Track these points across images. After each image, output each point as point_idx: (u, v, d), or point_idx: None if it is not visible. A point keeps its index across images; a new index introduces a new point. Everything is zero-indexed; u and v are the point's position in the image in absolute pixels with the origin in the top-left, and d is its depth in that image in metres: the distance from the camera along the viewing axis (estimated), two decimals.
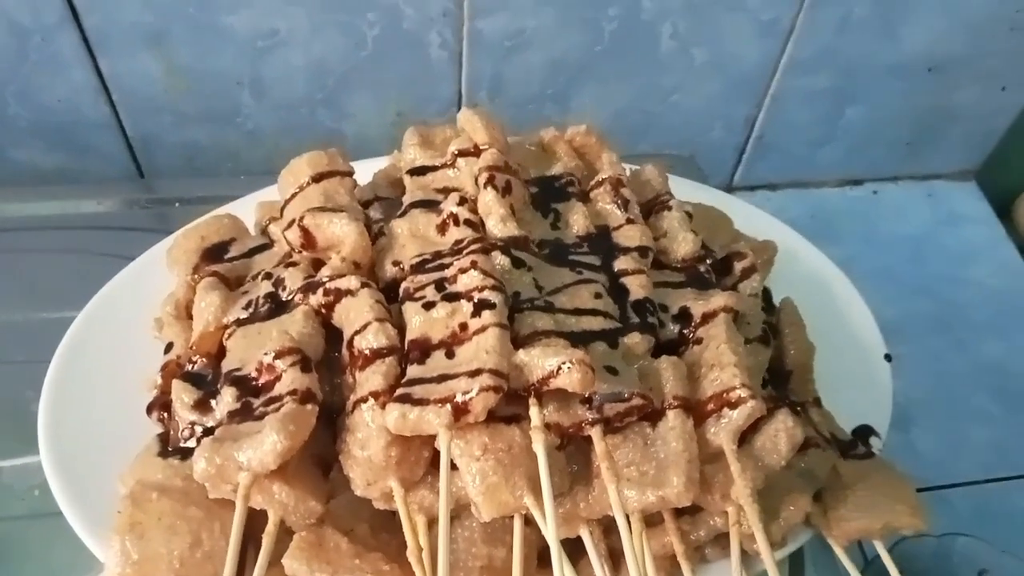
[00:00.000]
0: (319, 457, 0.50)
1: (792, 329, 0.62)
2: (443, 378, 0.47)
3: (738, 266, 0.63)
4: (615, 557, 0.52)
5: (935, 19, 1.07)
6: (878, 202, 1.30)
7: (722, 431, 0.49)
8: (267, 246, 0.64)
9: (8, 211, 0.90)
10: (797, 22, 1.04)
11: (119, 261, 0.86)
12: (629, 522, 0.46)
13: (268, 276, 0.57)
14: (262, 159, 1.10)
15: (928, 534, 0.90)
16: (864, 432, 0.62)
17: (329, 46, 0.99)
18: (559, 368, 0.46)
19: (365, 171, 0.71)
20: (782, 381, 0.62)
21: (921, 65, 1.13)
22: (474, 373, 0.46)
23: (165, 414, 0.56)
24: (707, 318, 0.55)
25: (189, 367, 0.56)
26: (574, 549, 0.51)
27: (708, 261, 0.63)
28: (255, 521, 0.48)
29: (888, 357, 0.67)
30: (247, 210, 0.70)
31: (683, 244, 0.61)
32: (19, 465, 0.73)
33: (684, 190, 0.75)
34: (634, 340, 0.53)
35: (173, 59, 0.97)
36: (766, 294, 0.67)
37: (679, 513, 0.51)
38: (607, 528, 0.52)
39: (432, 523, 0.49)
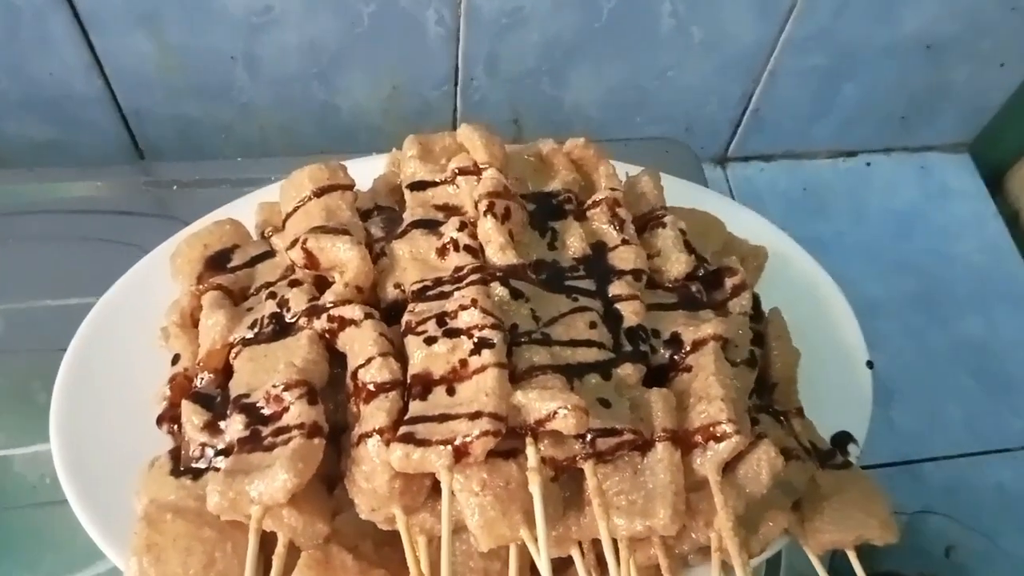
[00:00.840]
0: (324, 475, 0.53)
1: (779, 343, 0.65)
2: (444, 418, 0.49)
3: (729, 283, 0.65)
4: (602, 564, 0.56)
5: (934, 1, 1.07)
6: (870, 174, 1.31)
7: (708, 462, 0.52)
8: (269, 254, 0.65)
9: (4, 195, 0.90)
10: (797, 2, 1.03)
11: (119, 247, 0.87)
12: (616, 547, 0.49)
13: (272, 296, 0.59)
14: (255, 132, 1.10)
15: (901, 511, 0.94)
16: (843, 439, 0.65)
17: (324, 23, 0.98)
18: (555, 412, 0.48)
19: (365, 170, 0.72)
20: (767, 391, 0.64)
21: (918, 44, 1.12)
22: (474, 416, 0.48)
23: (175, 427, 0.58)
24: (697, 345, 0.57)
25: (197, 382, 0.58)
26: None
27: (700, 274, 0.64)
28: (265, 539, 0.51)
29: (870, 364, 0.70)
30: (248, 210, 0.71)
31: (676, 264, 0.63)
32: (29, 454, 0.76)
33: (678, 190, 0.76)
34: (626, 371, 0.55)
35: (166, 37, 0.97)
36: (755, 300, 0.69)
37: None
38: (595, 539, 0.55)
39: (432, 541, 0.52)
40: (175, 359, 0.61)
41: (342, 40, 1.00)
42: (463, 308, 0.53)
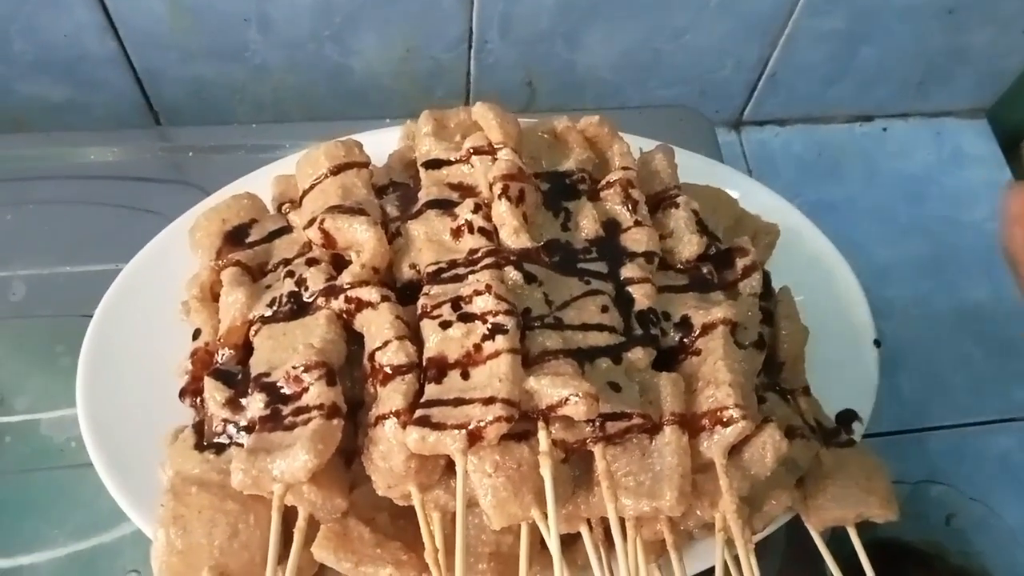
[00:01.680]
0: (342, 450, 0.54)
1: (787, 322, 0.66)
2: (459, 402, 0.50)
3: (740, 263, 0.65)
4: (610, 537, 0.58)
5: None
6: (886, 139, 1.30)
7: (714, 446, 0.54)
8: (287, 229, 0.66)
9: (24, 158, 0.91)
10: None
11: (137, 212, 0.89)
12: (623, 524, 0.51)
13: (291, 274, 0.60)
14: (268, 93, 1.10)
15: (904, 481, 0.97)
16: (848, 417, 0.67)
17: None
18: (567, 399, 0.50)
19: (378, 141, 0.72)
20: (775, 369, 0.66)
21: (940, 7, 1.11)
22: (488, 401, 0.49)
23: (198, 400, 0.60)
24: (707, 329, 0.58)
25: (218, 357, 0.59)
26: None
27: (712, 253, 0.65)
28: (286, 512, 0.53)
29: (877, 343, 0.71)
30: (264, 182, 0.72)
31: (688, 246, 0.63)
32: (55, 417, 0.78)
33: (692, 164, 0.77)
34: (637, 355, 0.56)
35: None
36: (766, 277, 0.70)
37: None
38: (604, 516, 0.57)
39: (445, 516, 0.54)
40: (196, 334, 0.63)
41: (356, 2, 0.99)
42: (478, 293, 0.54)
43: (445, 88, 1.13)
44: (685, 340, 0.59)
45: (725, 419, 0.53)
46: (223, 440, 0.55)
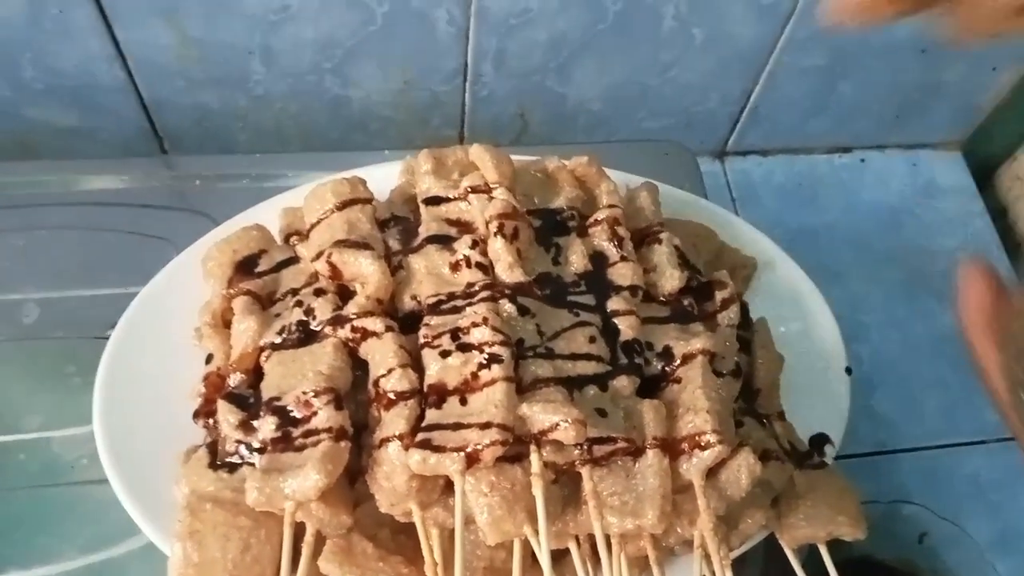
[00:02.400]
0: (346, 469, 0.58)
1: (763, 351, 0.70)
2: (458, 426, 0.54)
3: (719, 296, 0.70)
4: (596, 553, 0.62)
5: None
6: (864, 170, 1.35)
7: (693, 468, 0.58)
8: (294, 260, 0.70)
9: (35, 185, 0.95)
10: (797, 5, 1.07)
11: (145, 239, 0.92)
12: (609, 541, 0.55)
13: (299, 304, 0.64)
14: (270, 120, 1.14)
15: (878, 500, 1.01)
16: (820, 440, 0.71)
17: (338, 21, 1.02)
18: (557, 424, 0.54)
19: (380, 175, 0.76)
20: (751, 396, 0.70)
21: (913, 47, 1.16)
22: (484, 426, 0.54)
23: (210, 421, 0.63)
24: (687, 359, 0.63)
25: (230, 380, 0.63)
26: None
27: (693, 285, 0.70)
28: (295, 528, 0.57)
29: (849, 370, 0.75)
30: (271, 214, 0.76)
31: (670, 280, 0.68)
32: (67, 436, 0.81)
33: (676, 198, 0.81)
34: (622, 383, 0.61)
35: (186, 30, 1.00)
36: (744, 308, 0.74)
37: None
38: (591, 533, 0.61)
39: (443, 532, 0.58)
40: (209, 358, 0.66)
41: (356, 36, 1.04)
42: (475, 325, 0.58)
43: (441, 118, 1.17)
44: (667, 369, 0.64)
45: (703, 443, 0.58)
46: (235, 460, 0.59)
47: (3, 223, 0.93)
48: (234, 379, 0.63)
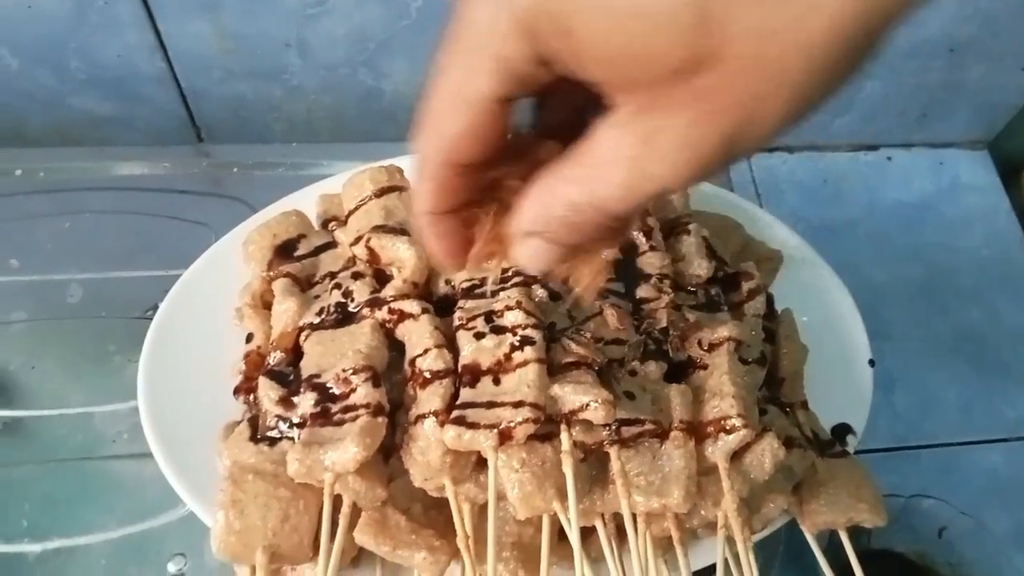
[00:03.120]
0: (381, 446, 0.60)
1: (788, 341, 0.72)
2: (491, 405, 0.57)
3: (745, 286, 0.71)
4: (620, 533, 0.64)
5: (959, 5, 1.11)
6: (889, 168, 1.36)
7: (718, 451, 0.60)
8: (331, 244, 0.72)
9: (78, 170, 0.98)
10: None
11: (185, 224, 0.95)
12: (635, 521, 0.57)
13: (338, 286, 0.66)
14: (303, 111, 1.17)
15: (899, 494, 1.02)
16: (842, 430, 0.73)
17: (372, 15, 1.04)
18: (587, 404, 0.56)
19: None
20: (775, 384, 0.72)
21: (941, 46, 1.17)
22: (517, 404, 0.56)
23: (250, 397, 0.66)
24: (713, 346, 0.65)
25: (270, 359, 0.66)
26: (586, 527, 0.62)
27: (720, 276, 0.71)
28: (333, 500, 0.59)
29: (872, 363, 0.77)
30: (308, 200, 0.78)
31: (698, 269, 0.70)
32: (108, 411, 0.84)
33: (704, 191, 0.83)
34: (650, 368, 0.63)
35: (225, 23, 1.03)
36: (769, 300, 0.76)
37: None
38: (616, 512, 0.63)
39: (474, 507, 0.60)
40: (249, 337, 0.69)
41: (389, 30, 1.06)
42: (508, 308, 0.60)
43: None
44: (693, 356, 0.65)
45: (728, 427, 0.59)
46: (275, 434, 0.61)
47: (49, 207, 0.96)
48: (274, 357, 0.65)
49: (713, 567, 0.67)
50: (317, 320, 0.65)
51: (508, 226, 0.39)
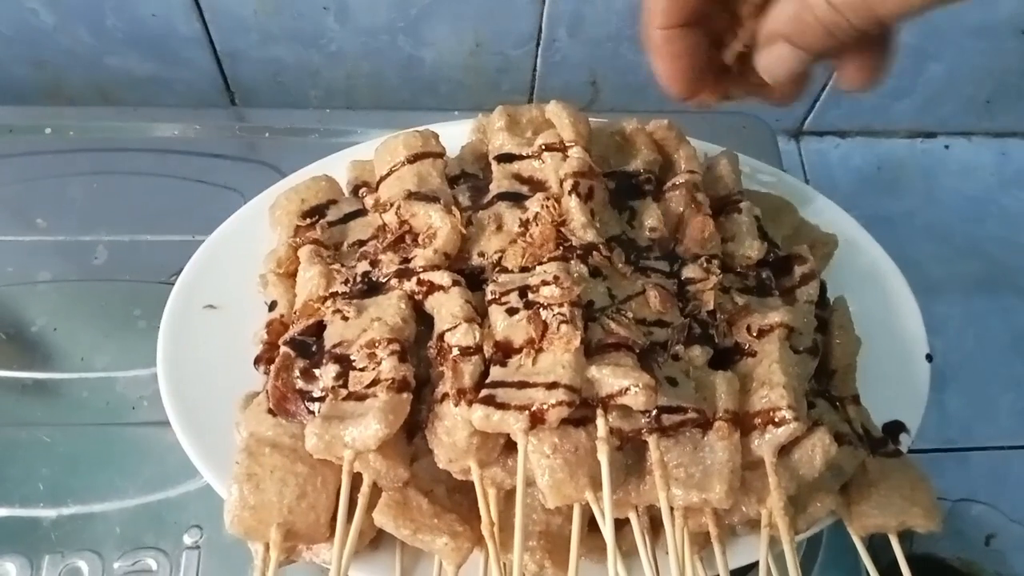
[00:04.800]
0: (405, 424, 0.57)
1: (841, 332, 0.67)
2: (523, 385, 0.53)
3: (798, 271, 0.67)
4: (654, 527, 0.60)
5: None
6: (947, 157, 1.29)
7: (765, 444, 0.55)
8: (361, 212, 0.69)
9: (111, 130, 0.96)
10: None
11: (214, 188, 0.93)
12: (672, 515, 0.53)
13: (365, 255, 0.63)
14: (341, 79, 1.14)
15: (945, 498, 0.97)
16: (895, 428, 0.68)
17: None
18: (627, 388, 0.52)
19: (451, 135, 0.75)
20: (825, 377, 0.67)
21: (1012, 27, 1.10)
22: (551, 386, 0.52)
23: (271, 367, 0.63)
24: (763, 332, 0.60)
25: (293, 328, 0.63)
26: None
27: (771, 259, 0.67)
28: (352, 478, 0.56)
29: (930, 358, 0.72)
30: (340, 166, 0.75)
31: (749, 250, 0.65)
32: (130, 376, 0.82)
33: (754, 170, 0.78)
34: (695, 353, 0.59)
35: None
36: (821, 287, 0.71)
37: None
38: (650, 505, 0.59)
39: (500, 493, 0.57)
40: (272, 305, 0.66)
41: None
42: (544, 283, 0.57)
43: (511, 83, 1.15)
44: (741, 342, 0.61)
45: (777, 419, 0.55)
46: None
47: (77, 167, 0.94)
48: (297, 327, 0.62)
49: (750, 567, 0.63)
50: (343, 290, 0.62)
51: (759, 29, 0.41)
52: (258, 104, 1.13)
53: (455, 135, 0.76)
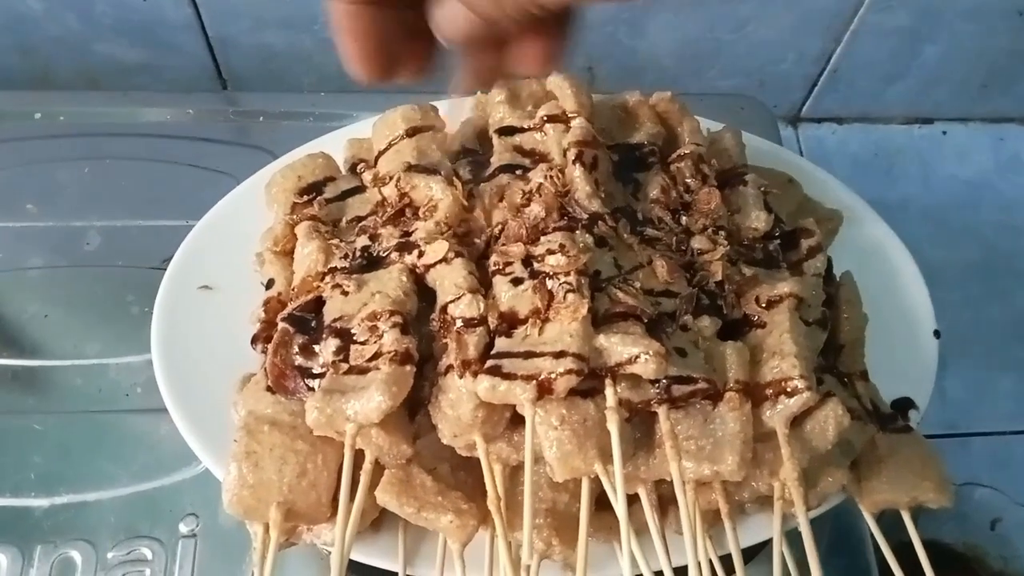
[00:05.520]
0: (407, 400, 0.56)
1: (849, 306, 0.66)
2: (529, 355, 0.52)
3: (805, 244, 0.66)
4: (663, 503, 0.59)
5: None
6: (944, 143, 1.29)
7: (776, 415, 0.54)
8: (359, 188, 0.68)
9: (101, 115, 0.95)
10: None
11: (207, 173, 0.92)
12: (684, 488, 0.52)
13: (364, 230, 0.62)
14: (335, 64, 1.12)
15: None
16: (904, 404, 0.67)
17: None
18: (637, 356, 0.51)
19: (451, 111, 0.73)
20: (833, 353, 0.66)
21: (1010, 9, 1.10)
22: (558, 355, 0.51)
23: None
24: (772, 303, 0.59)
25: (292, 306, 0.61)
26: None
27: (777, 235, 0.66)
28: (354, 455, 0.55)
29: (937, 333, 0.71)
30: (336, 145, 0.74)
31: (755, 222, 0.64)
32: (123, 363, 0.81)
33: (755, 148, 0.77)
34: (703, 323, 0.57)
35: None
36: (828, 263, 0.70)
37: None
38: (657, 480, 0.58)
39: (506, 469, 0.56)
40: (269, 283, 0.65)
41: None
42: (550, 252, 0.55)
43: None
44: (750, 313, 0.60)
45: (789, 389, 0.54)
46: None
47: (69, 152, 0.93)
48: (295, 303, 0.61)
49: (760, 546, 0.62)
50: (342, 265, 0.60)
51: None
52: (251, 90, 1.11)
53: (455, 112, 0.74)
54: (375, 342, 0.54)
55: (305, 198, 0.67)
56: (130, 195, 0.89)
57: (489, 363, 0.52)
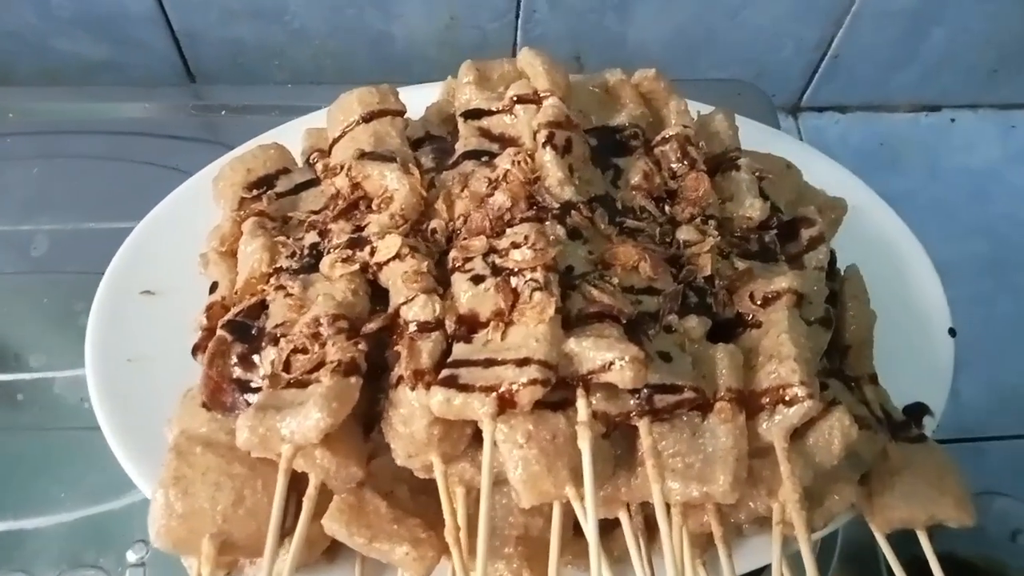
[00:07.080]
0: (361, 415, 0.50)
1: (855, 303, 0.60)
2: (490, 363, 0.45)
3: (805, 234, 0.60)
4: (650, 527, 0.53)
5: None
6: (952, 131, 1.23)
7: (774, 427, 0.48)
8: (314, 182, 0.62)
9: (56, 112, 0.89)
10: None
11: (166, 171, 0.86)
12: (669, 512, 0.46)
13: (313, 226, 0.56)
14: (308, 59, 1.07)
15: None
16: (918, 410, 0.61)
17: None
18: (611, 363, 0.45)
19: (418, 98, 0.67)
20: (838, 354, 0.60)
21: None
22: (522, 362, 0.44)
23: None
24: (769, 300, 0.53)
25: (234, 311, 0.55)
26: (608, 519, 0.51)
27: (773, 225, 0.60)
28: (297, 480, 0.49)
29: (952, 332, 0.65)
30: (295, 136, 0.68)
31: (749, 210, 0.58)
32: (70, 377, 0.75)
33: (751, 133, 0.71)
34: (690, 324, 0.51)
35: None
36: (831, 256, 0.64)
37: None
38: (644, 503, 0.52)
39: (471, 493, 0.49)
40: (213, 287, 0.59)
41: None
42: (515, 246, 0.49)
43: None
44: (743, 312, 0.54)
45: (788, 397, 0.48)
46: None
47: (17, 151, 0.87)
48: (236, 308, 0.55)
49: (759, 572, 0.56)
50: (289, 264, 0.54)
51: None
52: (220, 85, 1.05)
53: (423, 101, 0.69)
54: (318, 350, 0.48)
55: (255, 192, 0.60)
56: (82, 196, 0.84)
57: (444, 373, 0.46)
